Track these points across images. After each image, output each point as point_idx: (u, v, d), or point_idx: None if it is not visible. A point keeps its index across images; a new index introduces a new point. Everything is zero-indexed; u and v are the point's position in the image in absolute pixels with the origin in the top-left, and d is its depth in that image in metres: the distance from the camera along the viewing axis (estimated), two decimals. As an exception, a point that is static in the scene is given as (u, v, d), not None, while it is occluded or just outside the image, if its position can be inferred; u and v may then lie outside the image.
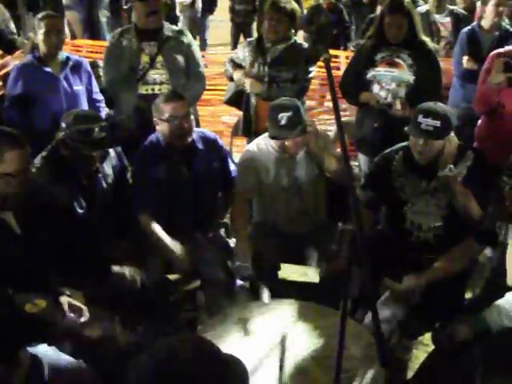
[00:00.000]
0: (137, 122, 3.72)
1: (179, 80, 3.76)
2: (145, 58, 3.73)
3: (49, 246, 2.52)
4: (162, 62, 3.73)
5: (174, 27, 3.92)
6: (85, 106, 3.81)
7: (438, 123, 2.77)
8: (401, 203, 3.00)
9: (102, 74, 4.15)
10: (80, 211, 2.87)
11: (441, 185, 2.88)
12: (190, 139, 3.09)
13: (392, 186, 3.01)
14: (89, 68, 3.93)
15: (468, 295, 3.16)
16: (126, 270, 2.87)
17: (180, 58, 3.78)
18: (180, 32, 3.87)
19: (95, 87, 3.95)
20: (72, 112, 2.96)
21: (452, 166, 2.80)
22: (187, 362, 1.26)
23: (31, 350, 2.19)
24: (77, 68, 3.82)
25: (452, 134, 2.89)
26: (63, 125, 2.84)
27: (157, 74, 3.74)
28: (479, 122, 3.85)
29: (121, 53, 3.75)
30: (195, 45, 3.98)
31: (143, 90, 3.73)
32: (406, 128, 2.88)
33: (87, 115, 2.97)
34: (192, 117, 3.10)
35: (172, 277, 3.11)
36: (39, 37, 3.70)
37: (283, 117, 2.95)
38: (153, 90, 3.73)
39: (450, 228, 2.93)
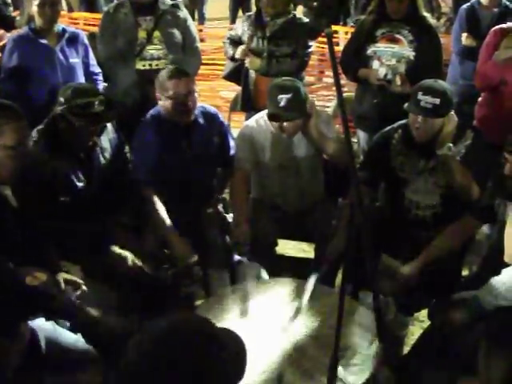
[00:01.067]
0: (133, 98, 3.69)
1: (175, 55, 3.71)
2: (142, 34, 3.67)
3: (46, 220, 2.51)
4: (160, 37, 3.69)
5: (169, 1, 3.85)
6: (81, 78, 3.76)
7: (437, 101, 2.76)
8: (399, 182, 3.00)
9: None
10: (78, 185, 2.85)
11: (439, 164, 2.87)
12: (193, 116, 3.07)
13: (391, 164, 3.01)
14: (85, 40, 3.87)
15: (465, 272, 3.18)
16: (128, 255, 2.86)
17: (177, 33, 3.74)
18: (175, 6, 3.81)
19: (92, 60, 3.90)
20: (70, 86, 2.91)
21: (451, 145, 2.79)
22: (184, 341, 1.27)
23: (30, 323, 2.20)
24: (73, 40, 3.76)
25: (452, 112, 2.88)
26: (61, 99, 2.79)
27: (154, 50, 3.69)
28: (479, 99, 3.83)
29: (116, 27, 3.69)
30: (190, 18, 3.93)
31: (140, 65, 3.68)
32: (405, 105, 2.87)
33: (86, 89, 2.92)
34: (196, 94, 3.07)
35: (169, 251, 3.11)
36: (34, 9, 3.64)
37: (283, 98, 2.91)
38: (150, 65, 3.68)
39: (448, 206, 2.94)
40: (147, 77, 3.49)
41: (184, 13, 3.83)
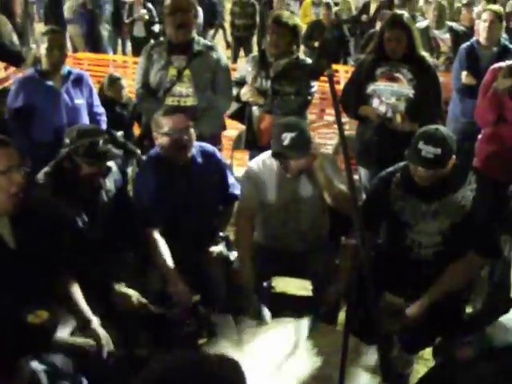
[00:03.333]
0: None
1: (204, 94, 3.79)
2: (172, 71, 3.77)
3: (48, 262, 2.52)
4: (189, 76, 3.77)
5: (207, 42, 3.97)
6: (85, 119, 3.82)
7: (438, 151, 2.69)
8: (401, 225, 2.98)
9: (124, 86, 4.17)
10: (82, 226, 2.86)
11: (442, 206, 2.86)
12: (190, 154, 3.10)
13: (391, 209, 2.97)
14: (90, 81, 3.95)
15: (469, 309, 3.16)
16: (133, 293, 2.85)
17: (207, 73, 3.81)
18: (210, 47, 3.90)
19: (96, 100, 3.97)
20: (75, 127, 2.97)
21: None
22: (184, 381, 1.27)
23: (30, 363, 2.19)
24: (78, 81, 3.83)
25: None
26: (67, 140, 2.83)
27: (183, 87, 3.77)
28: (479, 136, 3.86)
29: (151, 64, 3.82)
30: (225, 61, 3.99)
31: (169, 101, 3.75)
32: (405, 152, 2.85)
33: (90, 129, 2.98)
34: (192, 130, 3.11)
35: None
36: (42, 51, 3.71)
37: (287, 137, 2.92)
38: (178, 101, 3.76)
39: (451, 245, 2.91)
40: None
41: (218, 54, 3.91)
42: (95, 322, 2.54)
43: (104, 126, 3.97)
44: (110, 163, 2.98)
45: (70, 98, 3.74)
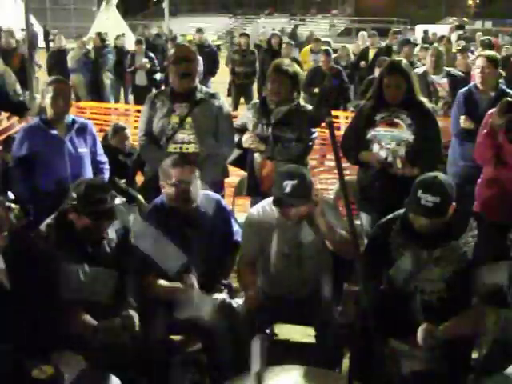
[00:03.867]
0: None
1: (206, 141, 3.82)
2: (174, 119, 3.82)
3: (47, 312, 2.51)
4: (191, 123, 3.81)
5: (209, 90, 4.04)
6: (89, 168, 3.85)
7: (437, 199, 2.72)
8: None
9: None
10: (84, 278, 2.86)
11: (445, 253, 2.84)
12: (194, 204, 3.13)
13: (391, 257, 2.97)
14: (94, 130, 4.00)
15: (475, 355, 3.11)
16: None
17: (209, 121, 3.86)
18: (212, 95, 3.96)
19: (99, 149, 4.01)
20: (83, 181, 2.99)
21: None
22: None
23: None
24: (82, 130, 3.87)
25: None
26: (74, 194, 2.85)
27: (185, 134, 3.81)
28: (479, 180, 3.88)
29: (154, 112, 3.87)
30: (227, 108, 4.05)
31: (171, 148, 3.79)
32: (405, 201, 2.86)
33: (98, 185, 3.00)
34: (198, 181, 3.14)
35: (175, 338, 3.08)
36: (47, 101, 3.76)
37: (288, 184, 2.95)
38: (181, 148, 3.79)
39: (455, 292, 2.88)
40: None
41: (220, 101, 3.95)
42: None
43: (107, 175, 4.00)
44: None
45: (73, 147, 3.78)
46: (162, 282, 3.08)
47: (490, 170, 3.78)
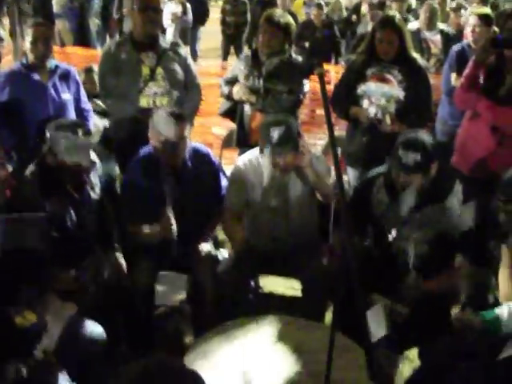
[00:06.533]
0: (132, 134, 3.69)
1: (179, 92, 3.75)
2: (145, 70, 3.70)
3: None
4: (163, 74, 3.72)
5: (169, 38, 3.92)
6: (72, 114, 3.77)
7: (417, 156, 2.75)
8: (385, 231, 2.98)
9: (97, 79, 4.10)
10: (70, 222, 2.84)
11: (427, 217, 2.86)
12: (181, 159, 3.11)
13: (373, 213, 2.99)
14: (77, 77, 3.91)
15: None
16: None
17: (179, 70, 3.78)
18: (176, 44, 3.87)
19: (83, 96, 3.92)
20: (54, 122, 2.94)
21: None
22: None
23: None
24: (65, 76, 3.79)
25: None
26: (48, 135, 2.82)
27: (156, 86, 3.72)
28: (459, 130, 3.87)
29: (119, 65, 3.70)
30: (190, 56, 3.99)
31: (144, 102, 3.70)
32: (386, 159, 2.87)
33: (70, 121, 2.99)
34: (188, 136, 3.11)
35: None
36: (27, 45, 3.67)
37: (275, 132, 2.94)
38: (154, 102, 3.71)
39: (437, 252, 2.92)
40: (149, 113, 3.50)
41: (184, 51, 3.89)
42: None
43: (91, 123, 3.93)
44: (94, 158, 2.96)
45: (56, 93, 3.70)
46: (145, 226, 3.08)
47: (466, 122, 3.76)
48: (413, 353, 3.06)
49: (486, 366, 2.36)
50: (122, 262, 2.95)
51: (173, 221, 3.02)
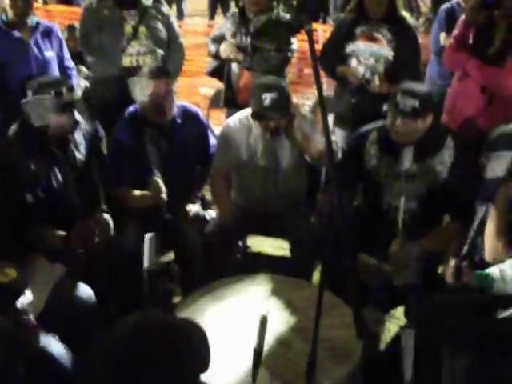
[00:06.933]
0: (118, 93, 3.65)
1: (162, 51, 3.70)
2: (128, 28, 3.64)
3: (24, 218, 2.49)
4: (146, 33, 3.66)
5: None
6: (56, 72, 3.71)
7: (416, 103, 2.75)
8: (376, 186, 2.99)
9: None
10: (56, 181, 2.82)
11: (421, 171, 2.87)
12: (169, 116, 3.07)
13: (365, 168, 2.99)
14: (60, 34, 3.82)
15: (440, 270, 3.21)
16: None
17: (162, 28, 3.73)
18: (158, 2, 3.80)
19: (66, 54, 3.85)
20: (35, 79, 2.87)
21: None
22: (151, 337, 1.27)
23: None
24: (47, 33, 3.70)
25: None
26: (29, 93, 2.76)
27: (139, 45, 3.66)
28: (448, 90, 3.86)
29: (101, 22, 3.64)
30: (172, 14, 3.93)
31: (127, 61, 3.65)
32: (384, 107, 2.86)
33: (53, 79, 2.91)
34: (174, 93, 3.07)
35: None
36: (5, 1, 3.58)
37: (267, 97, 2.90)
38: (137, 61, 3.65)
39: (427, 209, 2.94)
40: (132, 74, 3.45)
41: (166, 8, 3.84)
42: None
43: (75, 81, 3.87)
44: (78, 117, 2.92)
45: (39, 50, 3.62)
46: (133, 191, 3.07)
47: (456, 82, 3.74)
48: (399, 311, 3.10)
49: (484, 323, 2.40)
50: (110, 223, 2.93)
51: (163, 187, 2.99)
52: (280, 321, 2.45)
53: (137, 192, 3.06)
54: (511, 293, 2.34)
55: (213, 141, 3.35)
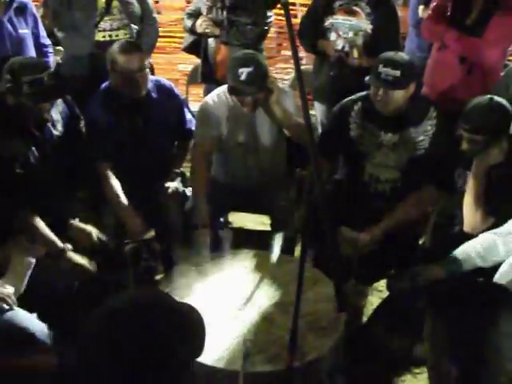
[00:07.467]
0: (92, 69, 3.60)
1: (136, 26, 3.65)
2: (100, 3, 3.58)
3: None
4: (119, 7, 3.60)
5: None
6: (31, 50, 3.62)
7: (397, 73, 2.76)
8: (358, 155, 3.00)
9: None
10: (33, 160, 2.77)
11: (403, 140, 2.88)
12: (143, 92, 3.03)
13: (349, 137, 3.00)
14: (34, 10, 3.73)
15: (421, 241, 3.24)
16: (93, 229, 2.84)
17: (135, 3, 3.68)
18: None
19: (42, 31, 3.76)
20: (16, 61, 2.75)
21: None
22: (143, 314, 1.26)
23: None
24: (22, 10, 3.60)
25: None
26: (7, 75, 2.67)
27: (112, 20, 3.60)
28: (428, 61, 3.86)
29: None
30: None
31: (100, 36, 3.60)
32: (366, 78, 2.87)
33: (34, 64, 2.79)
34: (147, 68, 3.03)
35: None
36: None
37: (243, 72, 2.86)
38: (110, 36, 3.60)
39: (408, 180, 2.96)
40: (105, 49, 3.40)
41: None
42: (69, 248, 2.65)
43: (51, 59, 3.79)
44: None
45: (13, 28, 3.52)
46: (111, 176, 3.03)
47: (435, 53, 3.74)
48: (381, 284, 3.13)
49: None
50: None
51: (140, 224, 2.96)
52: (263, 295, 2.46)
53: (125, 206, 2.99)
54: (481, 265, 2.36)
55: (189, 116, 3.31)
